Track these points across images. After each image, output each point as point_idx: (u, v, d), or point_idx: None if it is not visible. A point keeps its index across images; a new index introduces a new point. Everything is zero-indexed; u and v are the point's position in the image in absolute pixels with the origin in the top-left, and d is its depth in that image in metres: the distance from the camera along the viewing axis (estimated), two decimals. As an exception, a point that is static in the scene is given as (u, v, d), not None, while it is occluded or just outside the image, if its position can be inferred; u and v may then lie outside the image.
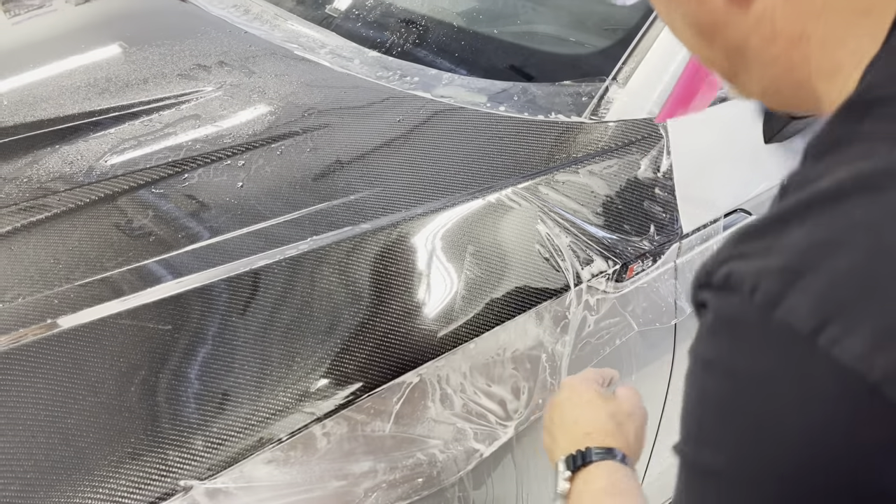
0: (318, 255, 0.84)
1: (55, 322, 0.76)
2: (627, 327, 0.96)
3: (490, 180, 0.93)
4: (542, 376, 0.88)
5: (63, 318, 0.77)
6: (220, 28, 1.23)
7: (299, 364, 0.77)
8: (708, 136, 1.05)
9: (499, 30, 1.16)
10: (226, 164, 0.95)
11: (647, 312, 0.98)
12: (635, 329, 0.96)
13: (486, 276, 0.87)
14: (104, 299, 0.79)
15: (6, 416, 0.70)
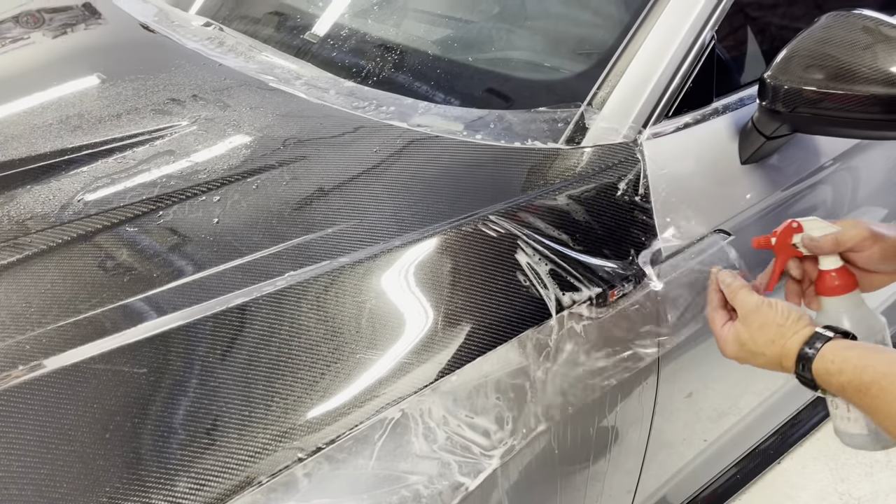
0: (295, 290, 0.83)
1: (27, 368, 0.75)
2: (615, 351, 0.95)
3: (468, 209, 0.93)
4: (527, 405, 0.87)
5: (35, 364, 0.75)
6: (194, 61, 1.22)
7: (279, 403, 0.76)
8: (685, 157, 1.06)
9: (473, 57, 1.16)
10: (201, 199, 0.94)
11: (629, 334, 0.97)
12: (624, 355, 0.96)
13: (466, 306, 0.87)
14: (78, 343, 0.77)
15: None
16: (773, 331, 0.86)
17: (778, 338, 0.85)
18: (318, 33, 1.27)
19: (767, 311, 0.87)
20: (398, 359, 0.81)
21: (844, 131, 1.05)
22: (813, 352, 0.82)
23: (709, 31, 1.07)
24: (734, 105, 1.13)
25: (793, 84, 1.00)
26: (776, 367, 0.87)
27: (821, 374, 0.81)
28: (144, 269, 0.85)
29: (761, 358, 0.87)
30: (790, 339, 0.85)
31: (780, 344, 0.85)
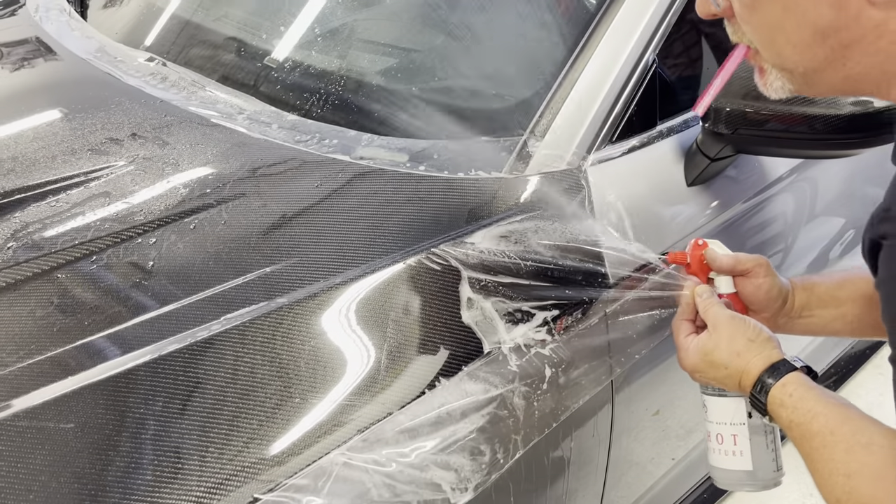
0: (231, 335, 0.80)
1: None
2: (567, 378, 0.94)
3: (412, 243, 0.91)
4: (480, 437, 0.85)
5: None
6: (135, 98, 1.20)
7: (214, 454, 0.73)
8: (630, 182, 1.05)
9: (417, 87, 1.15)
10: (136, 242, 0.91)
11: (580, 360, 0.96)
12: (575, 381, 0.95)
13: (412, 342, 0.85)
14: (1, 399, 0.74)
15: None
16: (741, 344, 0.85)
17: (745, 352, 0.85)
18: (261, 66, 1.26)
19: (740, 323, 0.87)
20: (340, 401, 0.79)
21: (787, 151, 1.05)
22: (772, 381, 0.81)
23: (651, 53, 1.07)
24: (678, 127, 1.13)
25: (734, 106, 1.01)
26: (732, 383, 0.86)
27: (774, 403, 0.80)
28: (75, 319, 0.82)
29: (721, 371, 0.87)
30: (756, 356, 0.84)
31: (746, 359, 0.84)
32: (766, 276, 0.94)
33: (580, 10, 1.15)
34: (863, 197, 1.62)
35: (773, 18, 0.67)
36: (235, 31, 1.36)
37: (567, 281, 0.95)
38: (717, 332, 0.88)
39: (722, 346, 0.87)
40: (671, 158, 1.10)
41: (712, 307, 0.90)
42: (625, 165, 1.05)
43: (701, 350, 0.89)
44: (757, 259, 0.95)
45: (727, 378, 0.87)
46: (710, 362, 0.88)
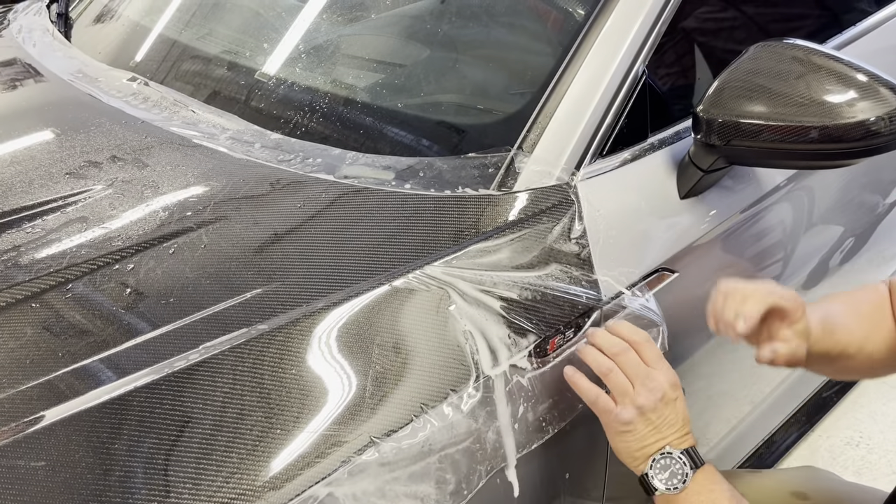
0: (210, 364, 0.78)
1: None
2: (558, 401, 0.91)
3: (397, 264, 0.89)
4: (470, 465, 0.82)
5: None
6: (115, 119, 1.18)
7: (192, 489, 0.70)
8: (622, 196, 1.03)
9: (403, 103, 1.13)
10: (114, 269, 0.89)
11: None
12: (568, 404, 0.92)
13: (398, 367, 0.82)
14: (-30, 437, 0.71)
15: None
16: (680, 419, 0.86)
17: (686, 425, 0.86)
18: (244, 85, 1.24)
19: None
20: (322, 431, 0.76)
21: (780, 162, 1.03)
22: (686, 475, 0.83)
23: (640, 64, 1.05)
24: (670, 139, 1.11)
25: (726, 117, 0.98)
26: (644, 453, 0.84)
27: (692, 486, 0.83)
28: (49, 350, 0.80)
29: (667, 429, 0.85)
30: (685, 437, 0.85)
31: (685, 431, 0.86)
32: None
33: (568, 22, 1.13)
34: (861, 204, 1.60)
35: None
36: (218, 50, 1.34)
37: (558, 300, 0.92)
38: (680, 387, 0.87)
39: (681, 405, 0.86)
40: (664, 171, 1.08)
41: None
42: (616, 179, 1.03)
43: (674, 388, 0.86)
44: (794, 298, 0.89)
45: (658, 440, 0.84)
46: (667, 413, 0.85)
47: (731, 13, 1.46)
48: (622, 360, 0.87)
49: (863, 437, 1.92)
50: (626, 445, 0.86)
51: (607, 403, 0.86)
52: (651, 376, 0.85)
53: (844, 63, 0.96)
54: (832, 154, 0.97)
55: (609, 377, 0.87)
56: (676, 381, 0.87)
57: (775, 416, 1.74)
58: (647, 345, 0.88)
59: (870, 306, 0.98)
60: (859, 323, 0.96)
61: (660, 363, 0.87)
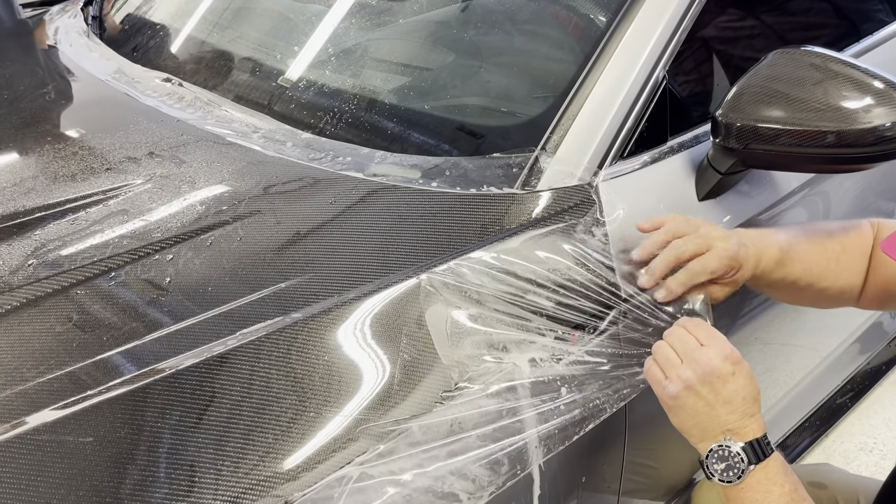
0: (246, 350, 0.81)
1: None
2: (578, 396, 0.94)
3: (424, 259, 0.92)
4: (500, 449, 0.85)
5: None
6: (152, 118, 1.22)
7: (230, 467, 0.74)
8: (641, 197, 1.06)
9: (429, 105, 1.16)
10: (154, 259, 0.93)
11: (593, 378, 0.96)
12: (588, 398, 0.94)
13: (425, 356, 0.85)
14: (22, 414, 0.75)
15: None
16: (739, 396, 0.82)
17: (753, 408, 0.83)
18: (276, 86, 1.28)
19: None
20: (355, 414, 0.80)
21: (797, 166, 1.05)
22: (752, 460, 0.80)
23: (661, 69, 1.08)
24: (689, 143, 1.14)
25: (744, 121, 1.01)
26: (713, 428, 0.82)
27: (748, 481, 0.80)
28: (95, 334, 0.84)
29: (721, 407, 0.81)
30: (749, 419, 0.82)
31: (751, 413, 0.82)
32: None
33: (590, 28, 1.16)
34: (876, 211, 1.61)
35: None
36: (250, 52, 1.38)
37: (580, 296, 0.95)
38: (743, 364, 0.84)
39: (742, 381, 0.82)
40: (682, 173, 1.11)
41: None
42: (636, 181, 1.06)
43: (729, 362, 0.82)
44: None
45: (713, 419, 0.82)
46: (720, 388, 0.81)
47: (750, 22, 1.49)
48: (672, 338, 0.86)
49: (877, 443, 1.93)
50: (679, 421, 0.84)
51: (657, 374, 0.85)
52: (700, 350, 0.83)
53: (861, 70, 0.99)
54: (848, 158, 1.00)
55: (657, 352, 0.86)
56: (734, 356, 0.83)
57: (788, 420, 1.76)
58: (700, 325, 0.87)
59: (841, 244, 1.01)
60: (823, 258, 0.99)
61: (714, 340, 0.84)
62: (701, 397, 0.82)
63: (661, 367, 0.85)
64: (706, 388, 0.82)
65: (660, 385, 0.85)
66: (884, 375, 2.04)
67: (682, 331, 0.86)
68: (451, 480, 0.79)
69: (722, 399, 0.82)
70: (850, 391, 1.99)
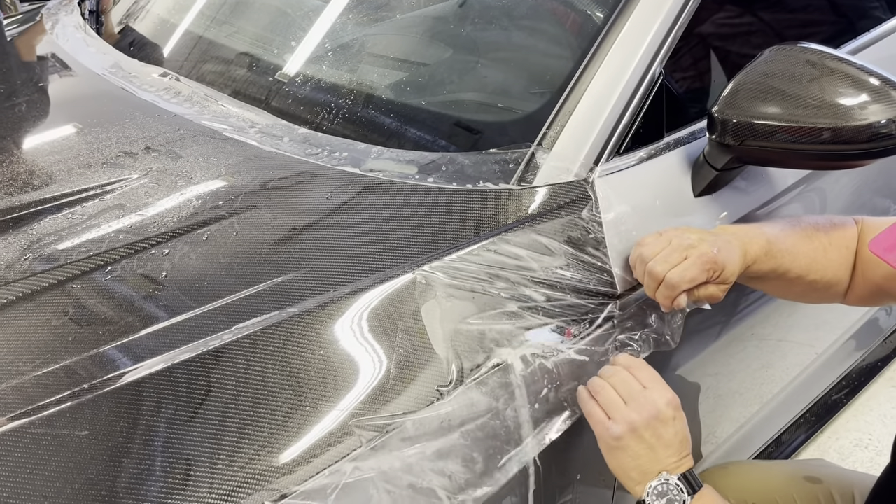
0: (242, 344, 0.82)
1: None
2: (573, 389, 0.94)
3: (420, 254, 0.92)
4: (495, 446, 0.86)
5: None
6: (149, 112, 1.22)
7: (225, 461, 0.74)
8: (637, 193, 1.06)
9: (427, 100, 1.16)
10: (150, 253, 0.93)
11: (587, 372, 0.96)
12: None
13: (420, 351, 0.86)
14: (17, 407, 0.75)
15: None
16: (678, 441, 0.85)
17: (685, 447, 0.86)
18: (273, 81, 1.28)
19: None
20: (351, 409, 0.80)
21: (793, 163, 1.06)
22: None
23: (658, 65, 1.08)
24: (685, 139, 1.14)
25: (740, 117, 1.01)
26: (642, 475, 0.84)
27: None
28: (91, 328, 0.84)
29: (662, 451, 0.84)
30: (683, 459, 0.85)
31: (685, 454, 0.85)
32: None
33: (587, 24, 1.16)
34: (872, 208, 1.62)
35: None
36: (247, 47, 1.38)
37: (575, 291, 0.96)
38: (680, 410, 0.86)
39: (679, 425, 0.85)
40: (678, 170, 1.11)
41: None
42: (632, 177, 1.06)
43: (671, 407, 0.85)
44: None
45: (654, 461, 0.84)
46: (662, 432, 0.84)
47: (748, 19, 1.49)
48: (615, 380, 0.87)
49: (871, 440, 1.93)
50: (618, 463, 0.86)
51: (600, 415, 0.86)
52: (644, 394, 0.85)
53: (857, 67, 0.99)
54: (843, 155, 1.00)
55: (600, 394, 0.87)
56: (674, 401, 0.86)
57: (784, 416, 1.77)
58: (642, 367, 0.89)
59: (828, 237, 1.02)
60: (811, 252, 1.00)
61: (656, 384, 0.86)
62: (644, 440, 0.84)
63: (603, 409, 0.86)
64: (649, 431, 0.84)
65: (603, 426, 0.85)
66: (879, 372, 2.05)
67: (625, 373, 0.87)
68: (440, 477, 0.79)
69: (663, 443, 0.84)
70: (845, 387, 2.00)
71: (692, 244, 0.93)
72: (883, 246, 0.80)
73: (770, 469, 1.28)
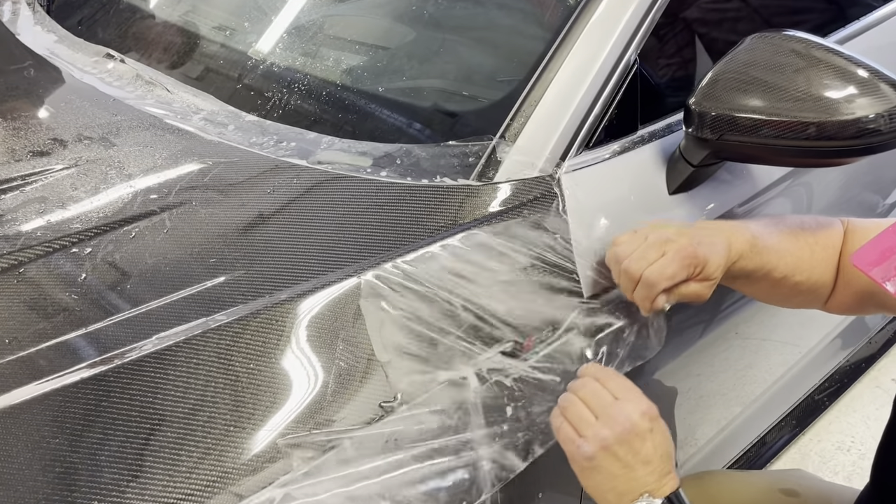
0: (161, 356, 0.74)
1: None
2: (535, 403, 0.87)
3: (367, 256, 0.85)
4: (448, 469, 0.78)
5: None
6: (86, 96, 1.13)
7: (134, 490, 0.67)
8: (607, 190, 0.99)
9: (384, 87, 1.08)
10: (70, 252, 0.85)
11: (550, 383, 0.89)
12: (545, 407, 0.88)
13: (364, 364, 0.78)
14: None
15: None
16: (658, 455, 0.76)
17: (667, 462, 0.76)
18: (223, 64, 1.19)
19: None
20: (281, 428, 0.72)
21: (775, 159, 0.98)
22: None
23: (632, 53, 1.00)
24: (661, 132, 1.06)
25: (719, 110, 0.94)
26: (619, 497, 0.75)
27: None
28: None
29: (640, 468, 0.74)
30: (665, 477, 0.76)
31: (667, 471, 0.76)
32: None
33: (557, 7, 1.08)
34: (860, 203, 1.55)
35: None
36: (196, 29, 1.29)
37: (537, 296, 0.88)
38: (659, 420, 0.77)
39: (659, 439, 0.76)
40: (652, 165, 1.03)
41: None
42: (602, 173, 0.99)
43: (647, 418, 0.76)
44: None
45: (631, 480, 0.74)
46: (638, 447, 0.75)
47: (735, 3, 1.41)
48: (583, 393, 0.79)
49: (854, 442, 1.88)
50: (593, 484, 0.76)
51: (570, 433, 0.77)
52: (616, 406, 0.76)
53: (845, 58, 0.91)
54: (829, 152, 0.93)
55: (568, 410, 0.78)
56: (650, 411, 0.77)
57: (767, 417, 1.71)
58: (612, 376, 0.80)
59: (814, 237, 0.95)
60: (797, 248, 0.93)
61: (629, 393, 0.78)
62: (618, 458, 0.75)
63: (573, 426, 0.77)
64: (624, 447, 0.74)
65: (573, 445, 0.77)
66: (863, 373, 1.99)
67: (594, 384, 0.79)
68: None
69: (641, 460, 0.75)
70: (828, 388, 1.94)
71: (669, 238, 0.86)
72: (866, 260, 0.73)
73: (745, 480, 1.22)
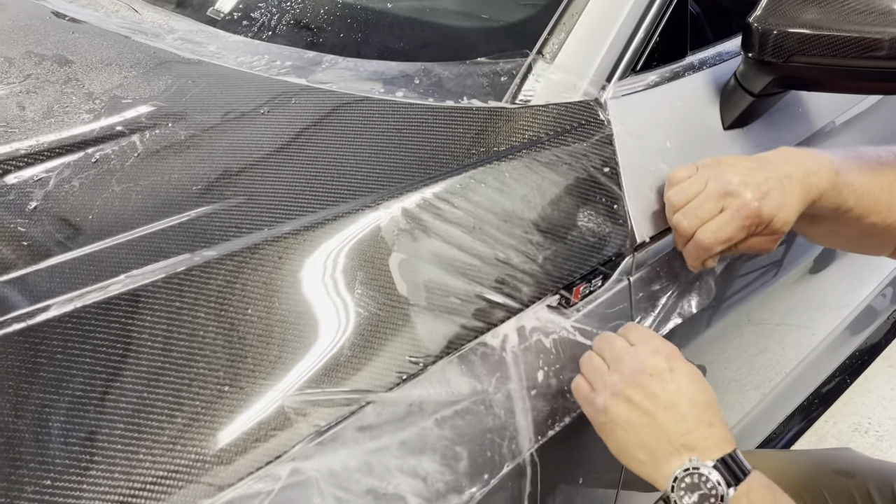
0: (134, 298, 0.58)
1: None
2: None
3: (384, 186, 0.69)
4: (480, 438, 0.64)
5: None
6: (35, 14, 0.96)
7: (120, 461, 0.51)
8: (656, 121, 0.85)
9: (393, 3, 0.93)
10: (16, 175, 0.68)
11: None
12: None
13: (383, 313, 0.63)
14: None
15: None
16: (685, 397, 0.64)
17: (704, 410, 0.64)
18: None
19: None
20: (290, 391, 0.57)
21: (853, 85, 0.85)
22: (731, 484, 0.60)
23: (683, -32, 0.87)
24: (712, 60, 0.93)
25: (785, 27, 0.81)
26: (651, 454, 0.63)
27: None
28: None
29: (651, 416, 0.63)
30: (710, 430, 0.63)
31: (707, 421, 0.64)
32: None
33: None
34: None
35: None
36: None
37: (583, 240, 0.74)
38: (681, 362, 0.67)
39: (684, 382, 0.65)
40: (705, 96, 0.90)
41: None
42: (650, 101, 0.85)
43: (661, 356, 0.66)
44: None
45: (659, 433, 0.63)
46: (655, 388, 0.64)
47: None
48: (599, 345, 0.70)
49: (871, 424, 1.78)
50: (618, 445, 0.65)
51: (584, 390, 0.68)
52: (629, 350, 0.67)
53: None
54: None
55: (585, 365, 0.69)
56: (666, 350, 0.67)
57: (787, 402, 1.60)
58: (633, 328, 0.71)
59: (894, 174, 0.82)
60: (877, 188, 0.80)
61: (647, 339, 0.68)
62: (634, 405, 0.64)
63: (588, 381, 0.68)
64: (638, 391, 0.64)
65: (588, 402, 0.67)
66: (878, 353, 1.90)
67: (612, 336, 0.70)
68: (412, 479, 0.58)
69: (661, 403, 0.63)
70: (844, 370, 1.84)
71: (730, 191, 0.72)
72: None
73: (791, 460, 1.09)
